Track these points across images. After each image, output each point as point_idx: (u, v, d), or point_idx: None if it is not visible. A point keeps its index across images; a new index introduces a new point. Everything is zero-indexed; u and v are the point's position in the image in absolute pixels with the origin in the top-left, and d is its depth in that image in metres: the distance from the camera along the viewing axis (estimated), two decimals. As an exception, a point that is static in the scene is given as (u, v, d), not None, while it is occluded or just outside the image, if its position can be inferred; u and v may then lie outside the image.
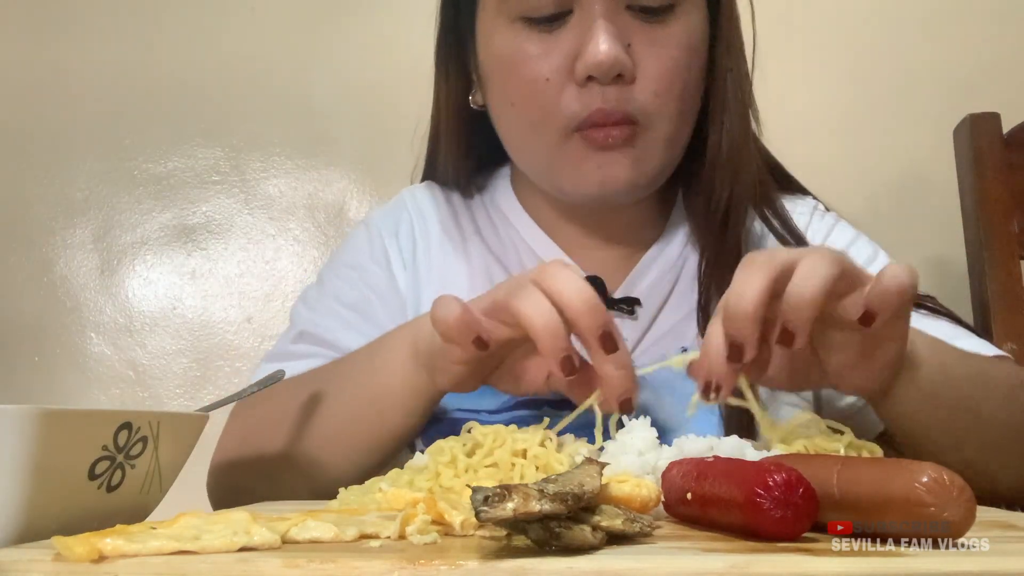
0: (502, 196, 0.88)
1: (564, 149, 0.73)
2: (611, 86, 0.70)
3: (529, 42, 0.72)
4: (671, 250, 0.82)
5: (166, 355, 1.42)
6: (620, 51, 0.69)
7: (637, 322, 0.79)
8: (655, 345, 0.78)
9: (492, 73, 0.76)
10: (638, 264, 0.82)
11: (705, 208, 0.78)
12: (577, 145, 0.72)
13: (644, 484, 0.45)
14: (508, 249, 0.84)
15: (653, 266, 0.82)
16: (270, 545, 0.37)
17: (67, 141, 1.45)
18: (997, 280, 1.02)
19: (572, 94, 0.71)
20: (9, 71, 1.47)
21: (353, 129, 1.42)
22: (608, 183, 0.73)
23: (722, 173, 0.77)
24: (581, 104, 0.70)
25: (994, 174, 1.05)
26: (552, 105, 0.71)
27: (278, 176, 1.44)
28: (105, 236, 1.44)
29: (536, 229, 0.84)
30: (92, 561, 0.34)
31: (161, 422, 0.48)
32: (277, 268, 1.43)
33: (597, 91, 0.70)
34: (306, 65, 1.44)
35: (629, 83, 0.70)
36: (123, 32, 1.47)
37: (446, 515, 0.40)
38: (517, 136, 0.77)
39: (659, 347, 0.78)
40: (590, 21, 0.69)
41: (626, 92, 0.70)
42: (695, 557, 0.33)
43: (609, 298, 0.79)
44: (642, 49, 0.71)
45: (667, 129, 0.73)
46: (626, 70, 0.69)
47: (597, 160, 0.72)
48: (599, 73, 0.69)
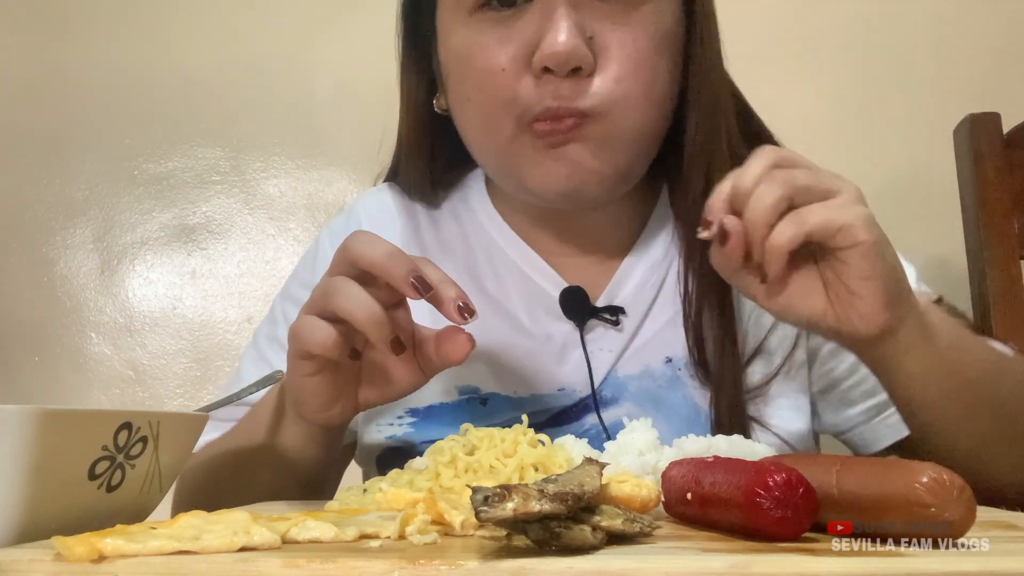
0: (476, 200, 0.84)
1: (517, 145, 0.70)
2: (566, 80, 0.67)
3: (487, 33, 0.69)
4: (654, 252, 0.80)
5: (166, 355, 1.42)
6: (579, 43, 0.65)
7: (620, 331, 0.77)
8: (638, 353, 0.76)
9: (451, 70, 0.73)
10: (619, 268, 0.79)
11: (685, 204, 0.76)
12: (528, 141, 0.69)
13: (644, 484, 0.46)
14: (480, 258, 0.81)
15: (635, 270, 0.79)
16: (270, 545, 0.37)
17: (67, 141, 1.45)
18: (997, 280, 1.02)
19: (528, 85, 0.68)
20: (9, 71, 1.47)
21: (353, 129, 1.42)
22: (574, 177, 0.70)
23: (696, 167, 0.74)
24: (535, 97, 0.67)
25: (994, 174, 1.05)
26: (507, 96, 0.68)
27: (278, 176, 1.44)
28: (105, 236, 1.44)
29: (512, 235, 0.81)
30: (92, 561, 0.34)
31: (161, 422, 0.48)
32: (277, 268, 1.43)
33: (551, 85, 0.67)
34: (306, 65, 1.44)
35: (587, 76, 0.67)
36: (123, 32, 1.47)
37: (446, 515, 0.40)
38: (474, 136, 0.74)
39: (643, 355, 0.76)
40: (551, 10, 0.66)
41: (581, 86, 0.67)
42: (695, 557, 0.33)
43: (592, 307, 0.77)
44: (606, 36, 0.68)
45: (631, 117, 0.69)
46: (585, 63, 0.66)
47: (554, 155, 0.69)
48: (555, 65, 0.66)
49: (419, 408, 0.76)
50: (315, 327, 0.59)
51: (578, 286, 0.77)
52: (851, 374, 0.78)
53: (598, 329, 0.77)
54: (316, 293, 0.60)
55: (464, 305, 0.58)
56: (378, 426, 0.77)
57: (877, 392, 0.76)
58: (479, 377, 0.76)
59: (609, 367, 0.76)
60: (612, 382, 0.75)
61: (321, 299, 0.59)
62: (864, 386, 0.77)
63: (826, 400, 0.79)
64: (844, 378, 0.78)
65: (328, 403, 0.63)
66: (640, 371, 0.75)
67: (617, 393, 0.75)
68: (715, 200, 0.58)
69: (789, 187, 0.55)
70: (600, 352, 0.76)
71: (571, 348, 0.76)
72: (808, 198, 0.55)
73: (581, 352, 0.75)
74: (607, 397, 0.75)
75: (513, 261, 0.80)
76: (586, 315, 0.76)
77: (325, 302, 0.59)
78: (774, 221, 0.55)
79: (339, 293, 0.58)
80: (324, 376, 0.62)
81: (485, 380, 0.75)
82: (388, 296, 0.59)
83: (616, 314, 0.77)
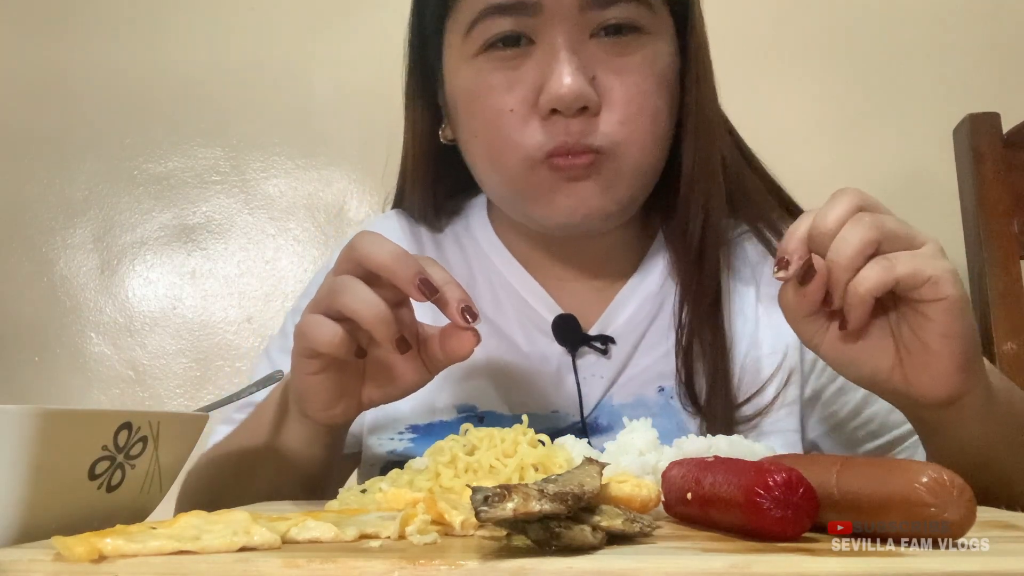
0: (478, 225, 0.86)
1: (531, 179, 0.72)
2: (575, 119, 0.69)
3: (493, 75, 0.71)
4: (650, 283, 0.81)
5: (166, 355, 1.42)
6: (584, 84, 0.68)
7: (612, 359, 0.78)
8: (630, 383, 0.77)
9: (458, 106, 0.75)
10: (615, 298, 0.80)
11: (681, 237, 0.78)
12: (545, 175, 0.71)
13: (644, 484, 0.46)
14: (479, 282, 0.83)
15: (631, 300, 0.80)
16: (270, 545, 0.37)
17: (67, 141, 1.45)
18: (997, 280, 1.02)
19: (536, 126, 0.70)
20: (9, 71, 1.47)
21: (353, 129, 1.42)
22: (579, 211, 0.72)
23: (694, 201, 0.76)
24: (546, 136, 0.69)
25: (994, 174, 1.05)
26: (516, 136, 0.70)
27: (278, 176, 1.44)
28: (105, 236, 1.44)
29: (511, 259, 0.83)
30: (92, 561, 0.34)
31: (161, 422, 0.48)
32: (277, 268, 1.43)
33: (561, 124, 0.69)
34: (306, 65, 1.44)
35: (594, 115, 0.69)
36: (123, 32, 1.47)
37: (446, 515, 0.40)
38: (482, 168, 0.76)
39: (635, 385, 0.77)
40: (553, 53, 0.68)
41: (591, 124, 0.69)
42: (695, 557, 0.33)
43: (583, 335, 0.78)
44: (608, 78, 0.70)
45: (635, 156, 0.72)
46: (591, 103, 0.68)
47: (566, 190, 0.71)
48: (562, 106, 0.68)
49: (419, 425, 0.77)
50: (321, 325, 0.59)
51: (570, 314, 0.79)
52: (856, 415, 0.77)
53: (590, 356, 0.78)
54: (321, 292, 0.60)
55: (467, 308, 0.59)
56: (379, 440, 0.78)
57: (883, 432, 0.77)
58: (476, 396, 0.77)
59: (601, 394, 0.77)
60: (607, 410, 0.76)
61: (327, 297, 0.59)
62: (870, 426, 0.77)
63: (831, 440, 0.79)
64: (850, 419, 0.78)
65: (332, 402, 0.63)
66: (634, 400, 0.76)
67: (612, 421, 0.76)
68: (791, 239, 0.54)
69: (878, 231, 0.52)
70: (593, 378, 0.77)
71: (565, 372, 0.77)
72: (895, 245, 0.53)
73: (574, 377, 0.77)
74: (603, 424, 0.76)
75: (511, 285, 0.82)
76: (577, 342, 0.78)
77: (331, 300, 0.59)
78: (860, 265, 0.52)
79: (345, 291, 0.58)
80: (328, 375, 0.62)
81: (482, 399, 0.77)
82: (392, 295, 0.60)
83: (606, 343, 0.78)
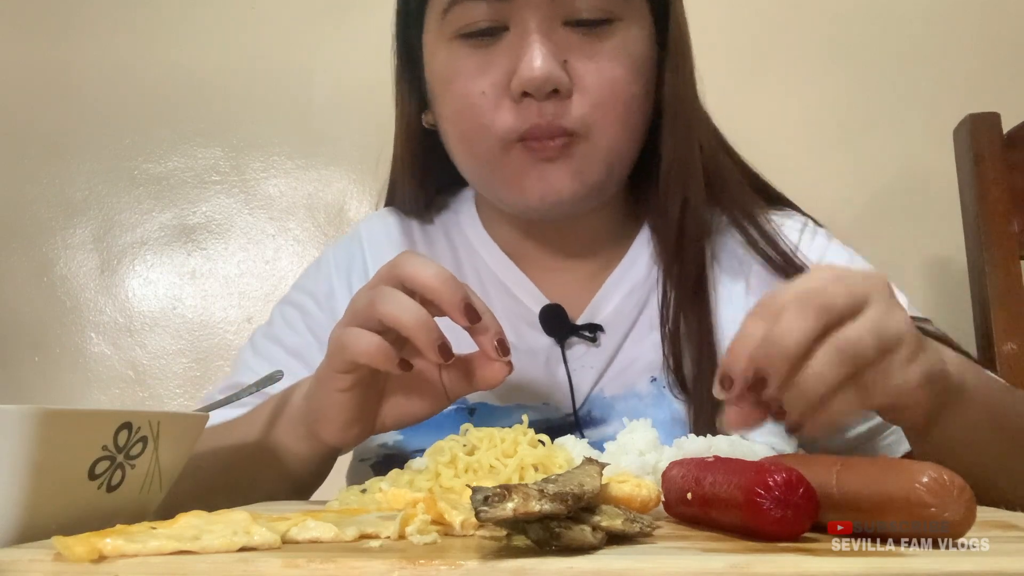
0: (466, 218, 0.86)
1: (504, 161, 0.72)
2: (547, 101, 0.70)
3: (466, 58, 0.72)
4: (636, 271, 0.81)
5: (166, 355, 1.42)
6: (555, 67, 0.69)
7: (601, 349, 0.78)
8: (622, 374, 0.77)
9: (435, 90, 0.76)
10: (602, 287, 0.80)
11: (662, 223, 0.78)
12: (519, 156, 0.72)
13: (644, 484, 0.45)
14: (467, 274, 0.83)
15: (618, 288, 0.80)
16: (270, 545, 0.37)
17: (67, 141, 1.45)
18: (997, 280, 1.02)
19: (508, 109, 0.71)
20: (9, 70, 1.47)
21: (353, 129, 1.42)
22: (549, 194, 0.73)
23: (673, 187, 0.76)
24: (518, 119, 0.70)
25: (994, 174, 1.05)
26: (488, 119, 0.71)
27: (278, 176, 1.44)
28: (105, 236, 1.44)
29: (498, 251, 0.83)
30: (92, 561, 0.34)
31: (161, 422, 0.48)
32: (277, 268, 1.43)
33: (534, 107, 0.70)
34: (306, 65, 1.44)
35: (566, 98, 0.70)
36: (123, 32, 1.47)
37: (446, 515, 0.40)
38: (458, 151, 0.77)
39: (626, 376, 0.77)
40: (525, 38, 0.69)
41: (563, 107, 0.70)
42: (695, 557, 0.33)
43: (571, 325, 0.78)
44: (580, 64, 0.71)
45: (607, 141, 0.72)
46: (562, 86, 0.69)
47: (537, 172, 0.72)
48: (533, 89, 0.69)
49: None
50: (361, 336, 0.59)
51: (557, 304, 0.79)
52: None
53: (579, 347, 0.78)
54: (359, 304, 0.60)
55: (502, 340, 0.60)
56: None
57: (873, 415, 0.76)
58: None
59: (592, 384, 0.77)
60: (599, 402, 0.76)
61: (366, 308, 0.59)
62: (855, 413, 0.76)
63: None
64: None
65: (351, 423, 0.63)
66: (626, 391, 0.76)
67: (605, 413, 0.76)
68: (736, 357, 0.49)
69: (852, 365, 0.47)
70: (583, 369, 0.77)
71: (555, 364, 0.77)
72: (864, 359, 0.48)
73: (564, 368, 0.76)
74: (596, 417, 0.76)
75: (498, 277, 0.82)
76: (565, 332, 0.78)
77: (370, 311, 0.58)
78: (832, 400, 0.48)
79: (386, 301, 0.58)
80: (355, 393, 0.62)
81: None
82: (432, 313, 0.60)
83: (595, 331, 0.78)
